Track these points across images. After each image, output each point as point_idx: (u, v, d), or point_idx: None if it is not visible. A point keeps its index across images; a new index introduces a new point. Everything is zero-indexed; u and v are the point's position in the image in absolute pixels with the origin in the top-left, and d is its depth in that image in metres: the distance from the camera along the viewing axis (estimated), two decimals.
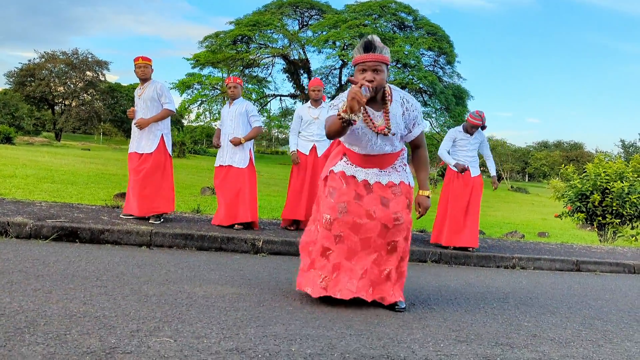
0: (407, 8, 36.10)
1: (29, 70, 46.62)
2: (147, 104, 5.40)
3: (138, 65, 5.40)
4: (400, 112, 3.08)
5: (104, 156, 23.03)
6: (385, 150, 3.14)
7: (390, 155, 3.19)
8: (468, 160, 6.03)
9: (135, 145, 5.43)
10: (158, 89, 5.40)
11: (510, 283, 4.77)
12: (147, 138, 5.40)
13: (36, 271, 3.24)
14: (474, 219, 5.92)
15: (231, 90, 5.78)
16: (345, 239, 3.11)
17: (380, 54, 2.91)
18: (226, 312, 2.76)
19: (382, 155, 3.16)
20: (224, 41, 34.45)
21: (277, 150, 65.34)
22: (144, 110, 5.41)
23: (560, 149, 66.20)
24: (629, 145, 42.47)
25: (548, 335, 2.92)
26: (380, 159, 3.18)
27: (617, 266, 6.48)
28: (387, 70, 2.94)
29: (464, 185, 5.98)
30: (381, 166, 3.20)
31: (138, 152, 5.40)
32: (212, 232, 5.08)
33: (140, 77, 5.44)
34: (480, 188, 6.02)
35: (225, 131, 5.79)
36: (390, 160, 3.22)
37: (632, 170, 10.56)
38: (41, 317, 2.36)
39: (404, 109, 3.09)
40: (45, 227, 4.49)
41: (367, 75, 2.88)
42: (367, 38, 2.92)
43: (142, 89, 5.45)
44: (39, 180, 8.89)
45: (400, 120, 3.08)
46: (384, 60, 2.91)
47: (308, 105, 6.07)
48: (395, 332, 2.69)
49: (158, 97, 5.41)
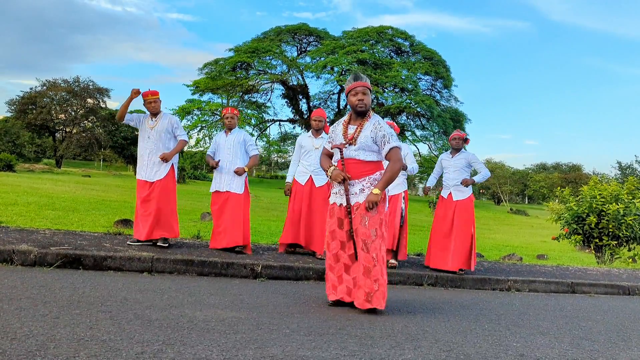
0: (404, 34, 36.70)
1: (30, 98, 47.08)
2: (160, 136, 5.68)
3: (148, 101, 5.68)
4: (369, 130, 3.97)
5: (104, 182, 23.19)
6: (350, 155, 3.97)
7: (359, 164, 3.97)
8: (453, 185, 6.20)
9: (148, 175, 5.65)
10: (173, 122, 5.75)
11: (503, 305, 4.88)
12: (159, 166, 5.65)
13: (43, 297, 3.36)
14: (459, 242, 5.98)
15: (228, 120, 6.07)
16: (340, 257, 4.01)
17: (365, 82, 4.03)
18: (226, 335, 2.87)
19: (353, 163, 3.97)
20: (224, 68, 34.93)
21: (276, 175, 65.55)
22: (157, 142, 5.68)
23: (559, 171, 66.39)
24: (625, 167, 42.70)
25: (535, 355, 3.03)
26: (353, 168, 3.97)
27: (611, 288, 6.56)
28: (370, 93, 4.03)
29: (447, 209, 6.16)
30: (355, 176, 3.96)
31: (149, 181, 5.62)
32: (212, 257, 5.20)
33: (152, 112, 5.73)
34: (466, 211, 6.08)
35: (223, 159, 5.97)
36: (362, 171, 3.96)
37: (627, 192, 10.69)
38: (50, 340, 2.48)
39: (373, 128, 3.97)
40: (50, 255, 4.62)
41: (359, 96, 3.97)
42: (354, 73, 4.07)
43: (155, 121, 5.72)
44: (41, 207, 9.02)
45: (369, 135, 3.94)
46: (368, 86, 4.04)
47: (309, 134, 6.25)
48: (388, 352, 2.80)
49: (172, 130, 5.73)
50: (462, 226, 6.04)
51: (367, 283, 3.83)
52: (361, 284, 3.86)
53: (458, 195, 6.15)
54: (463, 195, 6.15)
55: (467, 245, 6.02)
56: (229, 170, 5.96)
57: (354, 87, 4.00)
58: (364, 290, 3.84)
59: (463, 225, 6.04)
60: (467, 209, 6.10)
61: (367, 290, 3.83)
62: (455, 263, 5.95)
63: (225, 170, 5.97)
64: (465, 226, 6.05)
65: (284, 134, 40.96)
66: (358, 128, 3.99)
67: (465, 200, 6.13)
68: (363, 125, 3.99)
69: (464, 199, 6.13)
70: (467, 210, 6.10)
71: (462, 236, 6.02)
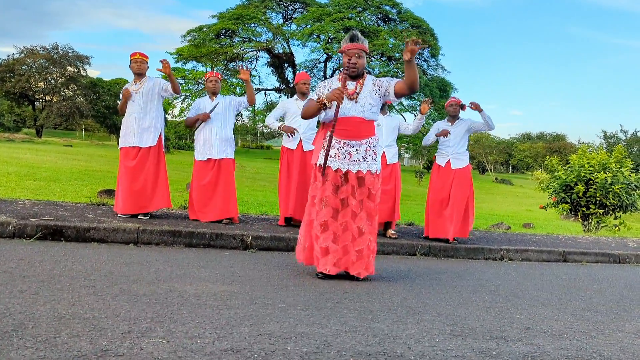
0: (391, 1, 35.99)
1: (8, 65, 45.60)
2: (147, 98, 5.41)
3: (135, 60, 5.41)
4: (371, 85, 3.85)
5: (86, 152, 22.73)
6: (355, 113, 3.79)
7: (362, 124, 3.82)
8: (452, 152, 5.99)
9: (136, 140, 5.37)
10: (162, 83, 5.46)
11: (499, 275, 4.79)
12: (148, 131, 5.40)
13: (21, 272, 3.16)
14: (456, 211, 5.85)
15: (212, 83, 5.84)
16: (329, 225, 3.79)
17: (362, 44, 3.81)
18: (219, 310, 2.72)
19: (355, 122, 3.80)
20: (207, 35, 34.05)
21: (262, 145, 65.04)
22: (144, 104, 5.41)
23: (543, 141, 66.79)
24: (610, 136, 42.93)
25: (541, 328, 2.93)
26: (356, 128, 3.81)
27: (602, 256, 6.56)
28: (365, 56, 3.84)
29: (445, 177, 5.97)
30: (357, 137, 3.81)
31: (139, 146, 5.37)
32: (200, 228, 5.02)
33: (135, 71, 5.46)
34: (465, 180, 5.92)
35: (212, 125, 5.71)
36: (364, 132, 3.84)
37: (614, 161, 10.68)
38: (29, 319, 2.30)
39: (374, 82, 3.85)
40: (29, 226, 4.40)
41: (352, 59, 3.76)
42: (351, 32, 3.84)
43: (140, 84, 5.44)
44: (21, 177, 8.72)
45: (372, 90, 3.83)
46: (364, 48, 3.83)
47: (295, 98, 6.00)
48: (390, 327, 2.67)
49: (162, 89, 5.42)
50: (461, 194, 5.89)
51: (352, 251, 3.81)
52: (349, 249, 3.81)
53: (457, 164, 5.97)
54: (462, 164, 5.96)
55: (466, 214, 5.90)
56: (220, 136, 5.71)
57: (348, 49, 3.78)
58: (350, 256, 3.81)
59: (462, 194, 5.90)
60: (466, 177, 5.95)
61: (352, 258, 3.81)
62: (455, 231, 5.84)
63: (217, 136, 5.71)
64: (465, 194, 5.90)
65: (269, 103, 40.34)
66: (358, 84, 3.83)
67: (464, 168, 5.97)
68: (363, 82, 3.85)
69: (463, 167, 5.97)
70: (466, 178, 5.95)
71: (461, 204, 5.88)
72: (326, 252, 3.79)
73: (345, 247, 3.81)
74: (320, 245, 3.79)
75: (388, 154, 5.84)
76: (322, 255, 3.79)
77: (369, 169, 3.84)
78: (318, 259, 3.81)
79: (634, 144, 40.28)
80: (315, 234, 3.83)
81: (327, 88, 3.91)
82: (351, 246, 3.81)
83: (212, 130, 5.70)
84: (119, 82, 47.57)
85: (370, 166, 3.85)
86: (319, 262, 3.80)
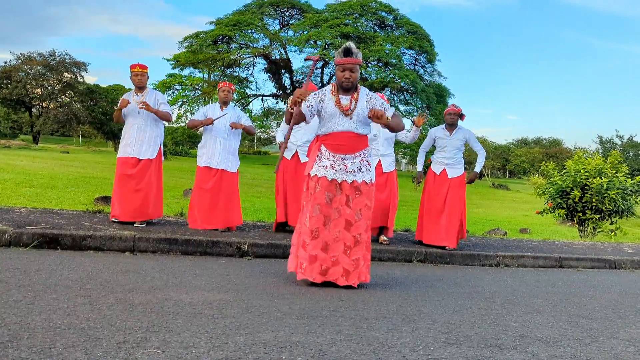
0: (388, 7, 36.20)
1: (4, 72, 45.51)
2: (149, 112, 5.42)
3: (135, 73, 5.44)
4: (364, 101, 3.89)
5: (83, 159, 22.71)
6: (350, 128, 3.85)
7: (356, 138, 3.89)
8: (448, 161, 6.06)
9: (136, 151, 5.40)
10: (159, 97, 5.53)
11: (495, 281, 4.81)
12: (148, 144, 5.43)
13: (17, 281, 3.16)
14: (450, 219, 5.90)
15: (224, 93, 5.79)
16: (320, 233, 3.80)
17: (356, 58, 3.82)
18: (214, 319, 2.72)
19: (349, 137, 3.87)
20: (205, 41, 34.15)
21: (259, 151, 65.07)
22: (147, 117, 5.45)
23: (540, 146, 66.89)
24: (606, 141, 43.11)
25: (535, 335, 2.94)
26: (349, 143, 3.87)
27: (598, 262, 6.58)
28: (359, 69, 3.91)
29: (440, 186, 6.03)
30: (351, 150, 3.87)
31: (138, 158, 5.39)
32: (196, 236, 5.02)
33: (137, 85, 5.49)
34: (459, 188, 6.01)
35: (218, 135, 5.70)
36: (357, 146, 3.90)
37: (610, 166, 10.72)
38: (24, 329, 2.30)
39: (367, 99, 3.91)
40: (25, 234, 4.40)
41: (346, 74, 3.81)
42: (346, 45, 3.83)
43: (142, 96, 5.46)
44: (17, 185, 8.72)
45: (364, 106, 3.86)
46: (358, 62, 3.85)
47: None
48: (385, 336, 2.68)
49: (158, 105, 5.48)
50: (455, 203, 5.96)
51: (346, 261, 3.81)
52: (341, 260, 3.81)
53: (453, 173, 6.04)
54: (457, 173, 6.07)
55: (456, 222, 5.94)
56: (224, 147, 5.71)
57: (342, 63, 3.83)
58: (342, 267, 3.81)
59: (457, 202, 5.97)
60: (461, 186, 6.04)
61: (346, 267, 3.81)
62: (447, 239, 5.87)
63: (220, 147, 5.71)
64: (459, 203, 5.98)
65: (266, 109, 40.44)
66: (352, 100, 3.88)
67: (459, 177, 6.06)
68: (357, 97, 3.90)
69: (458, 176, 6.06)
70: (461, 187, 6.03)
71: (455, 213, 5.93)
72: (314, 260, 3.79)
73: (336, 258, 3.81)
74: (309, 252, 3.80)
75: (384, 163, 5.87)
76: (310, 262, 3.80)
77: (363, 179, 3.90)
78: (302, 265, 3.83)
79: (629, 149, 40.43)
80: (303, 240, 3.85)
81: (317, 99, 3.92)
82: (343, 257, 3.81)
83: (216, 140, 5.70)
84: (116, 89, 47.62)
85: (365, 176, 3.91)
86: (306, 269, 3.80)
